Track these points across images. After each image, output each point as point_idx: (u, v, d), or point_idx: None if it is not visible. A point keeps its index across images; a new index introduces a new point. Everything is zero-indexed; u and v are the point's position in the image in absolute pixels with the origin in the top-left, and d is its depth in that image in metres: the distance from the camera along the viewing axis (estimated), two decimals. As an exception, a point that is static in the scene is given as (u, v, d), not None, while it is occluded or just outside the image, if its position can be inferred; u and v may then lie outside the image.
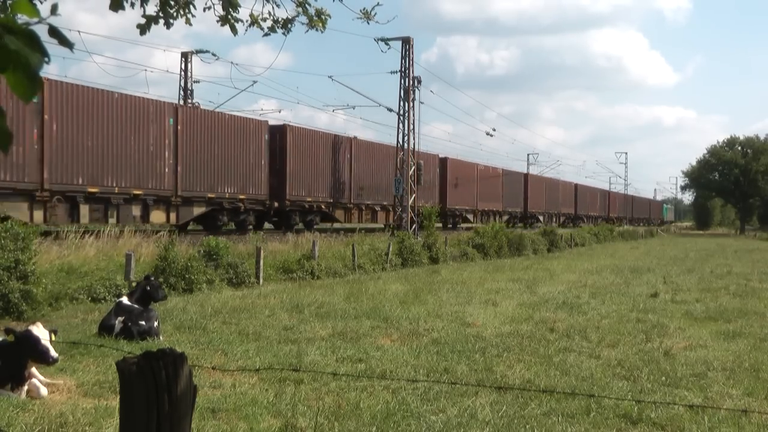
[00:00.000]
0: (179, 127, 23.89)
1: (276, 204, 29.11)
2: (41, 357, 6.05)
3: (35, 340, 6.05)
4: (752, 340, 9.56)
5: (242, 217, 27.82)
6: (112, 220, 21.53)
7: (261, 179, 28.07)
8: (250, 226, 27.80)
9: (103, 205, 21.59)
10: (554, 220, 61.81)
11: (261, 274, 15.59)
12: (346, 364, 7.53)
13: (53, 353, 6.12)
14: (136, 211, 22.69)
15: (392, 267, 20.90)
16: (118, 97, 21.80)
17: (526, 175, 58.64)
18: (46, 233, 17.06)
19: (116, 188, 21.68)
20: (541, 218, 58.71)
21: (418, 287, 15.18)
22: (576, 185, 71.93)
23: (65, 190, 20.20)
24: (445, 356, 7.99)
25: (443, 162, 41.99)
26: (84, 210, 20.91)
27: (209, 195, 25.29)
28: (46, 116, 19.22)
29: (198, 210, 25.27)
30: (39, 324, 6.34)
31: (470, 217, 46.40)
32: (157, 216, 23.42)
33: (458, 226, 44.16)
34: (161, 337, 8.58)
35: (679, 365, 7.79)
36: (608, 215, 79.82)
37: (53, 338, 6.32)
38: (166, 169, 23.37)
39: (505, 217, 51.62)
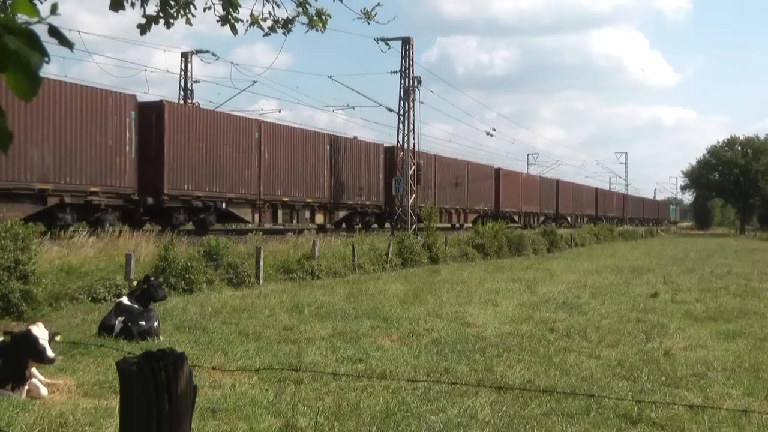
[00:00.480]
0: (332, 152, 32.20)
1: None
2: (39, 356, 6.06)
3: (34, 340, 6.06)
4: (752, 340, 9.56)
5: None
6: (294, 221, 29.53)
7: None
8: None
9: (290, 209, 29.43)
10: (579, 220, 68.44)
11: (261, 274, 15.59)
12: (346, 364, 7.53)
13: (50, 353, 6.13)
14: (307, 214, 30.46)
15: (392, 267, 20.90)
16: (299, 132, 30.50)
17: (557, 182, 65.44)
18: (47, 233, 17.05)
19: (297, 197, 29.56)
20: (569, 218, 65.22)
21: (418, 287, 15.18)
22: (597, 190, 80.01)
23: (271, 200, 28.15)
24: (445, 356, 7.99)
25: (497, 172, 51.00)
26: (280, 213, 28.94)
27: (349, 202, 32.82)
28: (262, 148, 27.48)
29: (342, 213, 32.78)
30: (40, 324, 6.35)
31: (516, 218, 52.71)
32: (319, 218, 31.23)
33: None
34: (161, 337, 8.58)
35: (679, 365, 7.79)
36: (623, 215, 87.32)
37: (57, 339, 6.32)
38: (325, 183, 31.09)
39: (542, 218, 58.22)
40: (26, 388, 5.99)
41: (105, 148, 21.16)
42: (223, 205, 25.73)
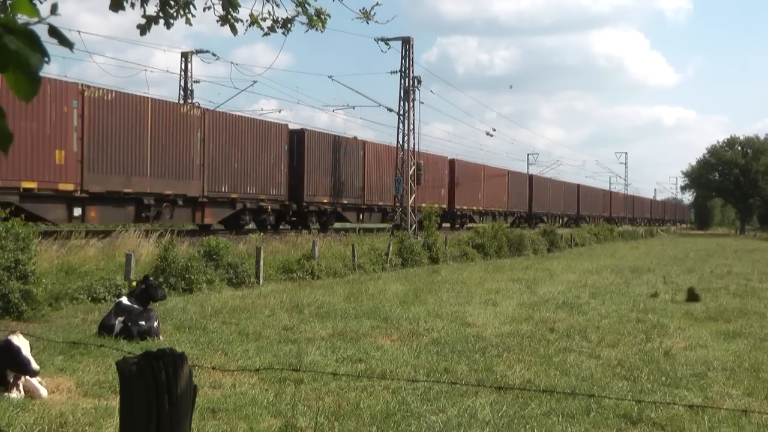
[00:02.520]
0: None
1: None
2: (23, 368, 5.87)
3: (16, 351, 5.87)
4: (752, 340, 9.56)
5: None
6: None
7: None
8: None
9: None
10: (596, 220, 70.85)
11: (261, 274, 15.59)
12: (346, 364, 7.53)
13: (34, 365, 5.92)
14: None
15: (392, 267, 20.90)
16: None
17: (578, 186, 71.27)
18: (46, 233, 17.06)
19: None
20: (587, 219, 69.61)
21: (418, 287, 15.18)
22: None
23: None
24: (445, 356, 7.99)
25: (530, 178, 58.08)
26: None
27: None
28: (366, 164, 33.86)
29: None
30: (19, 334, 6.12)
31: (544, 218, 58.21)
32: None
33: (538, 225, 52.00)
34: (161, 337, 8.58)
35: (679, 365, 7.79)
36: (652, 217, 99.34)
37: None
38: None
39: (565, 219, 63.81)
40: (14, 392, 5.91)
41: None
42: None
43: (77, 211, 20.65)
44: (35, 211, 19.20)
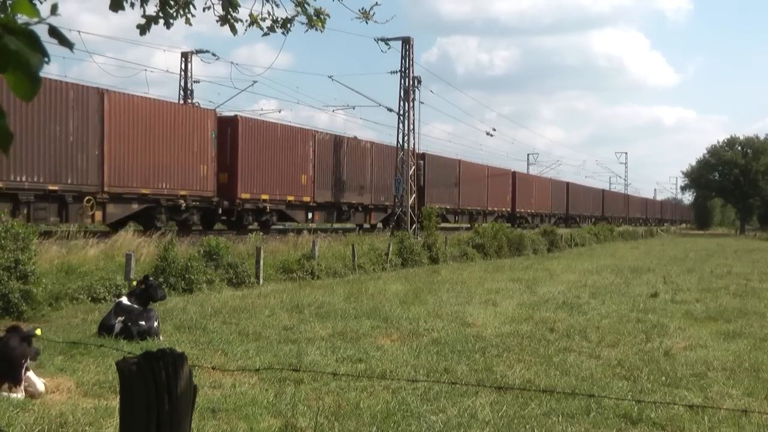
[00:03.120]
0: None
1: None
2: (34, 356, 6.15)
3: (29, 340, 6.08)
4: (752, 340, 9.56)
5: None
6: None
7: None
8: None
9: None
10: (616, 221, 77.80)
11: (261, 274, 15.59)
12: (346, 364, 7.53)
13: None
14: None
15: (392, 267, 20.90)
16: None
17: (603, 191, 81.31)
18: (47, 233, 17.06)
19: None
20: (609, 219, 75.39)
21: (418, 287, 15.18)
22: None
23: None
24: (445, 356, 7.99)
25: (567, 185, 67.06)
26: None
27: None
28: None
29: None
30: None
31: (577, 219, 67.47)
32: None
33: (573, 225, 61.45)
34: (161, 337, 8.58)
35: (679, 365, 7.79)
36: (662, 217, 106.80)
37: (38, 333, 6.19)
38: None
39: (593, 219, 70.87)
40: (22, 387, 5.96)
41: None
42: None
43: (309, 215, 30.78)
44: (292, 215, 29.97)
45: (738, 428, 5.53)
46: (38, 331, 6.24)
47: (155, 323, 8.62)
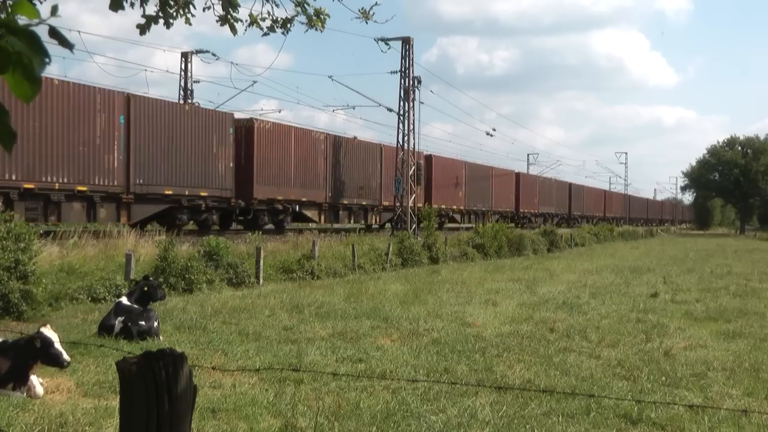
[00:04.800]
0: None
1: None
2: (55, 360, 6.05)
3: (49, 343, 6.03)
4: (752, 340, 9.56)
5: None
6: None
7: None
8: None
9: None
10: (617, 221, 78.83)
11: (261, 274, 15.59)
12: (346, 364, 7.53)
13: (66, 357, 6.12)
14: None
15: (392, 267, 20.90)
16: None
17: (605, 192, 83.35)
18: (47, 233, 17.06)
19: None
20: (611, 220, 76.61)
21: (418, 287, 15.18)
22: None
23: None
24: (445, 356, 7.99)
25: (570, 185, 68.19)
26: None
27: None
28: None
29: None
30: (48, 326, 6.31)
31: (579, 219, 68.98)
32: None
33: (575, 224, 62.76)
34: (161, 337, 8.58)
35: (679, 365, 7.79)
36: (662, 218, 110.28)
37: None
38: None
39: (595, 219, 72.08)
40: (27, 387, 5.99)
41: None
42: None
43: (323, 216, 32.15)
44: (307, 215, 31.09)
45: (738, 428, 5.53)
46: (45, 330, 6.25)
47: (155, 323, 8.62)
